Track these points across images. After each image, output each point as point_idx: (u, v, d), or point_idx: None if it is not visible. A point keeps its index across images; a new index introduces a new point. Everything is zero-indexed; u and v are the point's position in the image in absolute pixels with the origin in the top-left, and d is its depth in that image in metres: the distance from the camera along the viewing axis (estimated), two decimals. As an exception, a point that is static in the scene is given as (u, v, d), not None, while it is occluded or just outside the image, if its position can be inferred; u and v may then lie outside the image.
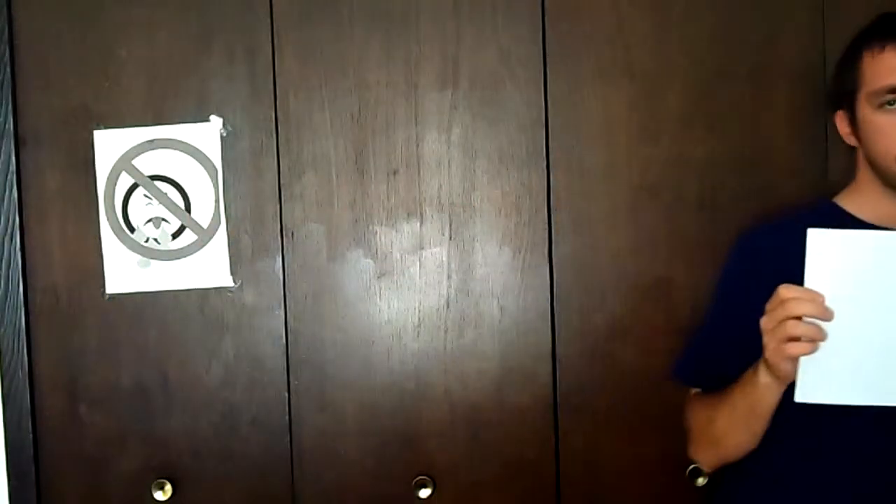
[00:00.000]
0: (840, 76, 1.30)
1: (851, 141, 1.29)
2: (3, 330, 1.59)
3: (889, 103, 1.20)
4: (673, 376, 1.42)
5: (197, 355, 1.59)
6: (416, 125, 1.56)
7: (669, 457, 1.53)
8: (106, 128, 1.58)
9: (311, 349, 1.57)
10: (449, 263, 1.56)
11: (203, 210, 1.59)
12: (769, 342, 1.09)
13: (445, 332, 1.57)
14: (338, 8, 1.55)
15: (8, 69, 1.58)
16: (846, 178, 1.34)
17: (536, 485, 1.56)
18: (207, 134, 1.57)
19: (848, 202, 1.31)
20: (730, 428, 1.24)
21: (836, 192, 1.33)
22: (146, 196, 1.59)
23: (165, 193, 1.59)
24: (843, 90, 1.28)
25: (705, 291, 1.51)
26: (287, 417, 1.58)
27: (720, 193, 1.52)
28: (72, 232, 1.60)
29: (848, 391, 1.09)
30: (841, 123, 1.30)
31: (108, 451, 1.60)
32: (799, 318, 1.06)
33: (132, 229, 1.59)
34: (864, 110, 1.23)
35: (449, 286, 1.56)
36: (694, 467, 1.52)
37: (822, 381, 1.08)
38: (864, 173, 1.29)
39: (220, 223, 1.58)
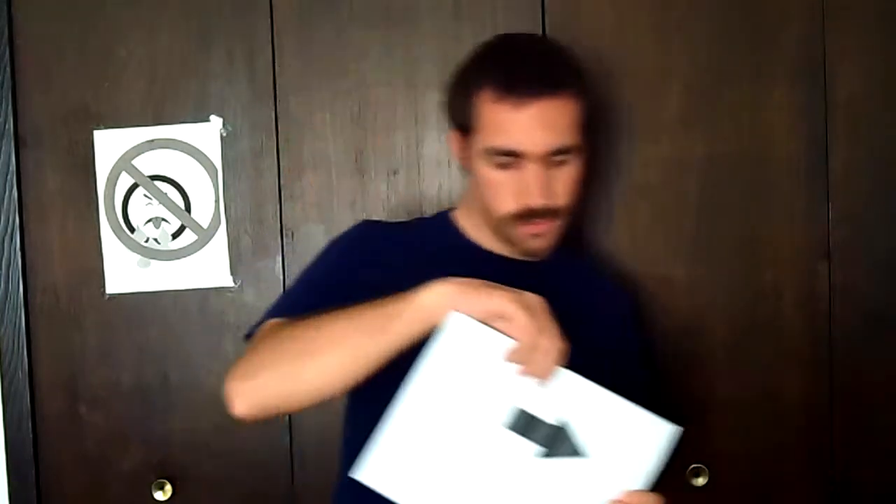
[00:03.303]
0: (454, 100, 1.18)
1: (465, 165, 1.20)
2: (3, 330, 1.59)
3: (503, 163, 1.11)
4: (269, 316, 1.16)
5: (197, 355, 1.59)
6: (416, 125, 1.56)
7: (669, 457, 1.53)
8: (106, 128, 1.58)
9: (311, 349, 1.57)
10: (449, 263, 1.56)
11: (203, 210, 1.59)
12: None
13: (445, 332, 1.57)
14: (338, 8, 1.55)
15: (8, 69, 1.58)
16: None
17: (536, 485, 1.56)
18: (207, 134, 1.57)
19: (465, 221, 1.23)
20: (340, 337, 0.98)
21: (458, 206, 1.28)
22: (146, 196, 1.59)
23: (165, 193, 1.59)
24: (456, 118, 1.18)
25: (705, 291, 1.52)
26: (287, 417, 1.58)
27: (720, 193, 1.52)
28: (72, 232, 1.60)
29: (411, 492, 0.96)
30: (454, 145, 1.21)
31: (108, 451, 1.60)
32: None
33: (132, 229, 1.59)
34: (478, 158, 1.14)
35: (449, 286, 1.56)
36: (694, 467, 1.52)
37: (391, 469, 0.95)
38: (476, 202, 1.19)
39: (220, 223, 1.58)
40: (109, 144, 1.59)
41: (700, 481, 1.52)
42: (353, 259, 1.19)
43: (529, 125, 1.09)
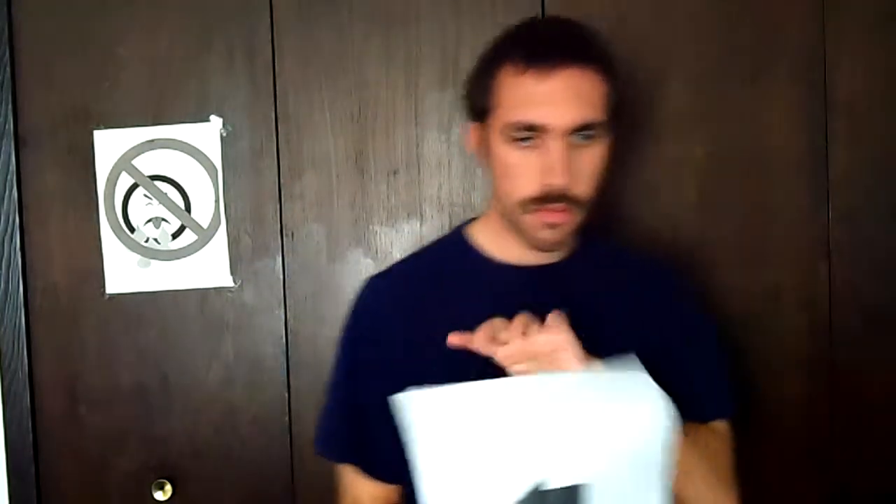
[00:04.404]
0: (475, 84, 1.10)
1: (482, 162, 1.13)
2: (3, 330, 1.59)
3: (523, 139, 1.03)
4: (319, 452, 1.21)
5: (197, 355, 1.59)
6: (416, 125, 1.56)
7: (669, 457, 1.53)
8: (106, 128, 1.58)
9: (311, 349, 1.57)
10: (449, 263, 1.56)
11: (203, 210, 1.59)
12: None
13: (445, 332, 1.57)
14: (338, 8, 1.55)
15: (8, 69, 1.58)
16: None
17: (536, 485, 1.55)
18: (207, 134, 1.57)
19: (479, 232, 1.18)
20: None
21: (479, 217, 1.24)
22: (146, 196, 1.59)
23: (165, 193, 1.59)
24: (476, 104, 1.10)
25: (705, 291, 1.52)
26: (287, 417, 1.58)
27: (720, 193, 1.52)
28: (72, 232, 1.60)
29: None
30: (471, 137, 1.14)
31: (108, 451, 1.60)
32: None
33: (132, 229, 1.59)
34: (496, 138, 1.06)
35: (449, 286, 1.56)
36: (694, 467, 1.52)
37: None
38: (494, 202, 1.15)
39: (220, 223, 1.58)
40: (109, 144, 1.59)
41: (700, 481, 1.52)
42: (369, 356, 1.15)
43: (553, 96, 1.01)
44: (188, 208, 1.59)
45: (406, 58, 1.55)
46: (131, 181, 1.59)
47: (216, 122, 1.57)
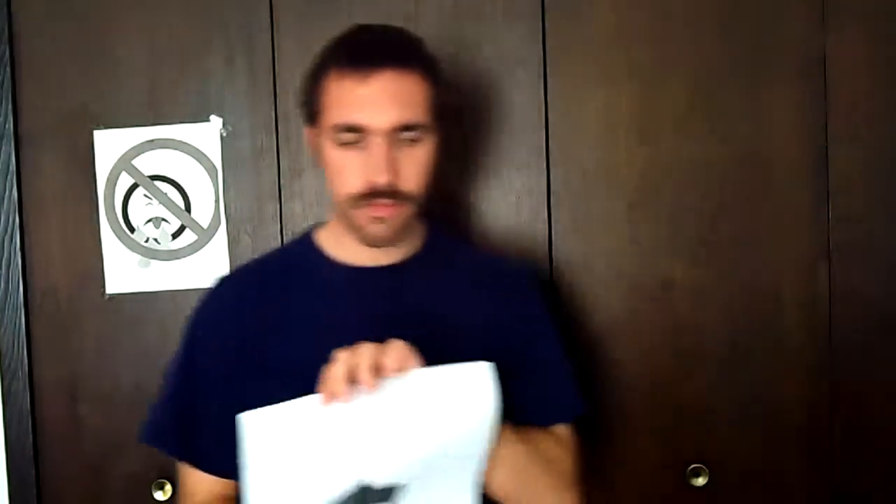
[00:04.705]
0: (306, 90, 1.15)
1: (319, 163, 1.17)
2: (3, 330, 1.59)
3: (350, 140, 1.08)
4: (145, 440, 1.24)
5: (197, 355, 1.59)
6: (416, 125, 1.55)
7: (669, 457, 1.53)
8: (106, 128, 1.58)
9: (311, 349, 1.57)
10: (449, 263, 1.56)
11: (203, 210, 1.59)
12: None
13: (445, 332, 1.57)
14: (338, 8, 1.55)
15: (8, 69, 1.58)
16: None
17: (536, 485, 1.55)
18: (207, 134, 1.57)
19: (324, 235, 1.22)
20: None
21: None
22: (146, 196, 1.59)
23: (165, 193, 1.59)
24: (308, 108, 1.15)
25: (705, 291, 1.52)
26: (287, 417, 1.57)
27: (720, 193, 1.52)
28: (72, 232, 1.60)
29: None
30: (309, 140, 1.18)
31: (108, 452, 1.60)
32: None
33: (132, 229, 1.59)
34: (326, 140, 1.11)
35: (449, 286, 1.56)
36: (694, 467, 1.52)
37: None
38: (334, 203, 1.18)
39: (220, 223, 1.58)
40: (109, 144, 1.58)
41: (700, 481, 1.52)
42: (205, 352, 1.18)
43: (374, 98, 1.06)
44: (188, 208, 1.59)
45: (406, 58, 1.55)
46: (131, 181, 1.59)
47: (216, 122, 1.57)
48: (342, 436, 0.98)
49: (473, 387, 1.01)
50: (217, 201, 1.58)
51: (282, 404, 0.98)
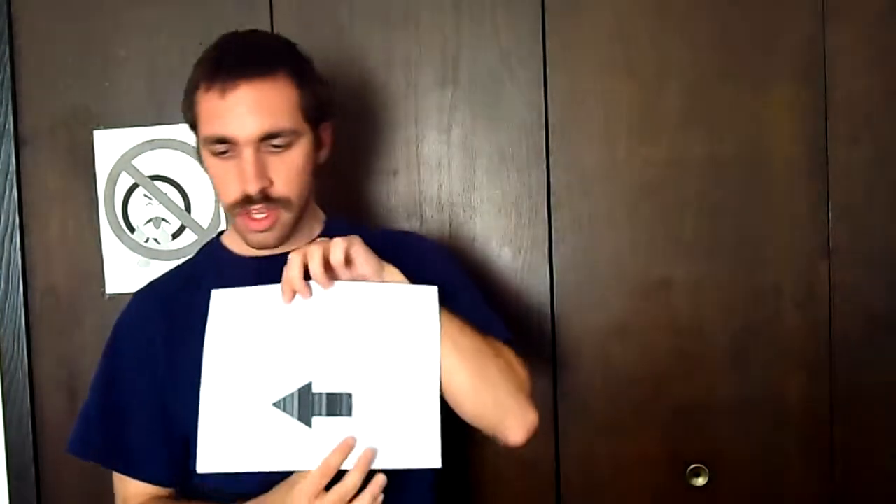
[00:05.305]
0: (184, 102, 1.17)
1: (205, 171, 1.19)
2: (3, 330, 1.60)
3: (222, 151, 1.11)
4: (71, 451, 1.26)
5: (197, 355, 1.59)
6: (416, 125, 1.56)
7: (669, 457, 1.53)
8: (106, 128, 1.59)
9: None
10: (449, 263, 1.56)
11: (203, 210, 1.59)
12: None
13: (445, 332, 1.56)
14: (338, 8, 1.55)
15: (8, 69, 1.58)
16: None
17: (536, 485, 1.56)
18: (207, 134, 1.57)
19: (229, 236, 1.26)
20: None
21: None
22: (146, 196, 1.59)
23: (165, 193, 1.59)
24: (187, 119, 1.17)
25: (705, 291, 1.52)
26: (287, 417, 1.57)
27: (720, 193, 1.52)
28: (72, 232, 1.60)
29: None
30: (197, 150, 1.20)
31: (108, 451, 1.60)
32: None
33: (132, 229, 1.59)
34: (203, 151, 1.15)
35: (449, 286, 1.56)
36: (694, 467, 1.52)
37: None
38: None
39: (220, 223, 1.58)
40: (109, 144, 1.59)
41: (700, 481, 1.52)
42: (124, 371, 1.21)
43: (236, 109, 1.08)
44: (188, 208, 1.59)
45: (406, 58, 1.55)
46: (131, 181, 1.59)
47: (216, 122, 1.57)
48: (293, 334, 1.03)
49: (419, 307, 1.05)
50: (217, 201, 1.58)
51: (250, 287, 1.04)
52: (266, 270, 1.13)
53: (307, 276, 1.03)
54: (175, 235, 1.59)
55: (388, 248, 1.22)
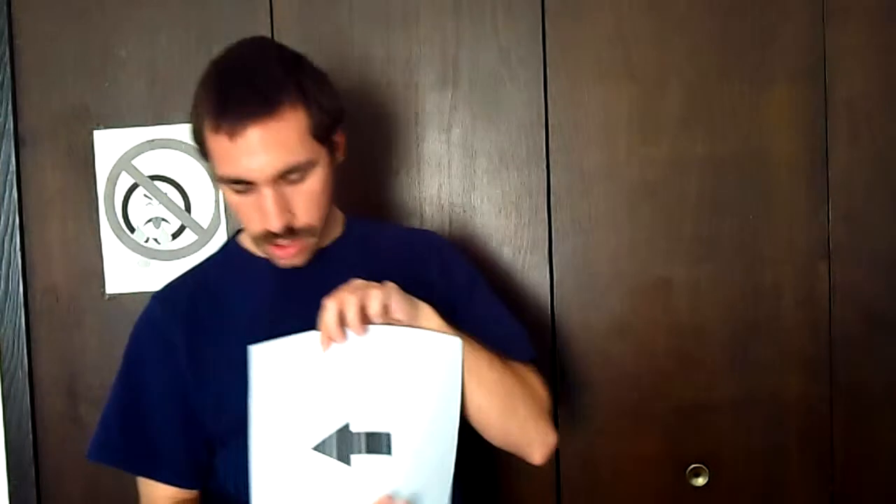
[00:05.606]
0: (193, 129, 1.13)
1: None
2: (3, 330, 1.59)
3: (239, 190, 1.09)
4: (94, 458, 1.22)
5: (197, 355, 1.59)
6: (416, 125, 1.56)
7: (669, 457, 1.53)
8: (106, 128, 1.58)
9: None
10: (449, 263, 1.56)
11: (203, 210, 1.59)
12: None
13: (445, 332, 1.56)
14: (338, 8, 1.55)
15: (8, 69, 1.58)
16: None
17: (536, 485, 1.56)
18: (207, 134, 1.57)
19: (246, 237, 1.23)
20: None
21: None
22: (146, 196, 1.59)
23: (165, 193, 1.59)
24: (199, 148, 1.14)
25: (705, 291, 1.52)
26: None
27: (720, 193, 1.52)
28: (72, 232, 1.60)
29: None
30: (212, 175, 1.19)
31: (108, 451, 1.60)
32: None
33: (132, 229, 1.59)
34: (220, 183, 1.12)
35: (449, 286, 1.56)
36: (694, 467, 1.52)
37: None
38: None
39: (220, 223, 1.58)
40: (109, 144, 1.58)
41: (700, 481, 1.52)
42: (146, 376, 1.20)
43: (248, 152, 1.05)
44: (188, 208, 1.59)
45: (406, 58, 1.55)
46: (131, 181, 1.59)
47: (216, 122, 1.57)
48: (330, 378, 1.04)
49: (444, 357, 1.07)
50: (217, 201, 1.58)
51: (287, 338, 1.04)
52: (284, 271, 1.14)
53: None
54: (175, 235, 1.59)
55: (406, 248, 1.25)
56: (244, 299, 1.19)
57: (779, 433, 1.52)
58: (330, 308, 1.02)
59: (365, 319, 1.03)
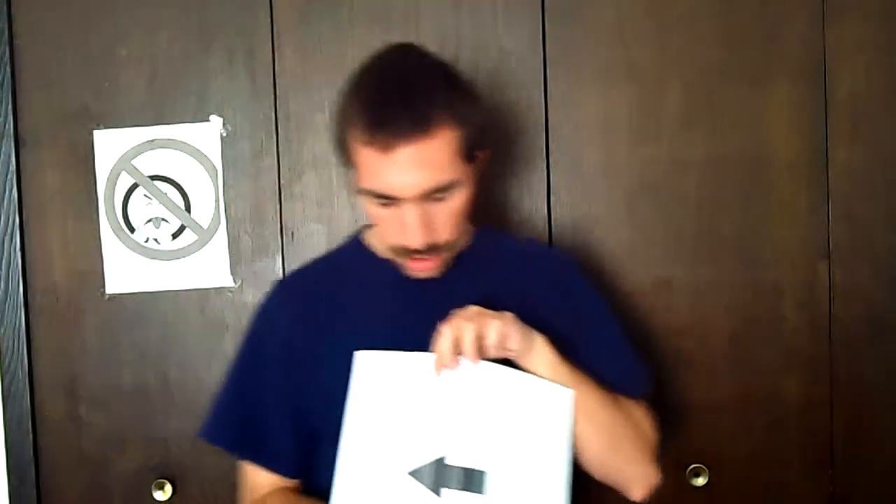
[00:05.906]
0: (336, 135, 1.13)
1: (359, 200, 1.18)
2: (3, 330, 1.59)
3: (382, 203, 1.08)
4: (205, 437, 1.25)
5: (197, 355, 1.59)
6: (416, 125, 1.55)
7: (669, 457, 1.53)
8: (106, 128, 1.58)
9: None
10: (449, 263, 1.56)
11: (203, 210, 1.59)
12: None
13: (445, 332, 1.56)
14: (338, 8, 1.55)
15: (8, 69, 1.58)
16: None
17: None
18: (207, 134, 1.57)
19: (373, 236, 1.24)
20: None
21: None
22: (146, 196, 1.59)
23: (165, 193, 1.59)
24: (341, 156, 1.14)
25: (705, 291, 1.52)
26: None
27: (720, 193, 1.52)
28: (72, 232, 1.60)
29: None
30: (350, 181, 1.17)
31: (108, 452, 1.60)
32: None
33: (132, 229, 1.59)
34: (361, 194, 1.11)
35: (449, 286, 1.56)
36: (694, 467, 1.52)
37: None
38: None
39: (220, 223, 1.58)
40: (109, 144, 1.59)
41: (700, 481, 1.52)
42: (264, 363, 1.21)
43: (399, 169, 1.04)
44: (188, 208, 1.59)
45: (406, 58, 1.55)
46: (131, 181, 1.59)
47: (216, 122, 1.57)
48: (432, 405, 1.04)
49: (554, 407, 1.07)
50: (217, 201, 1.58)
51: (397, 353, 1.05)
52: (407, 278, 1.15)
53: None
54: (175, 235, 1.59)
55: (536, 266, 1.25)
56: (365, 301, 1.20)
57: (779, 433, 1.52)
58: (446, 334, 1.02)
59: (481, 349, 1.03)
